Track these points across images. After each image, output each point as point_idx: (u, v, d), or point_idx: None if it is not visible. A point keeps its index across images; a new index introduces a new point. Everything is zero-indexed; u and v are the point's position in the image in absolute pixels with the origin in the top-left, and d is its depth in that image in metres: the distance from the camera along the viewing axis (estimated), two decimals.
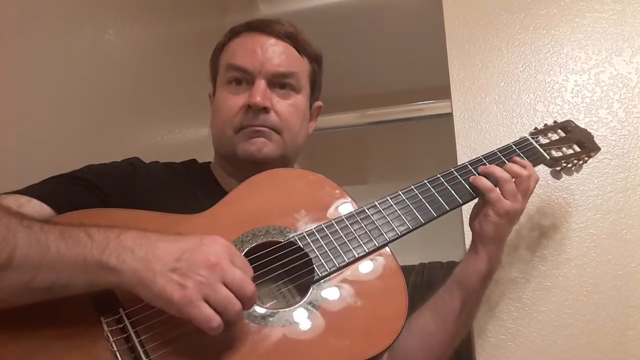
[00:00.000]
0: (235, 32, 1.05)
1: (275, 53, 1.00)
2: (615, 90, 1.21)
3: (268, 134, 0.97)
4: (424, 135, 2.57)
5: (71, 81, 1.35)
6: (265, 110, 0.96)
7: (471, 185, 0.94)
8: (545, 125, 1.09)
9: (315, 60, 1.07)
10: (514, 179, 0.93)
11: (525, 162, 0.97)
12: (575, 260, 1.14)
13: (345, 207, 0.91)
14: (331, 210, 0.90)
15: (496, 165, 0.96)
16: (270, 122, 0.97)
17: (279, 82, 1.00)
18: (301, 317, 0.78)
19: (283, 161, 1.01)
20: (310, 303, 0.80)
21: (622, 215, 1.14)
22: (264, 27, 1.02)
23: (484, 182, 0.93)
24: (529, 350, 1.11)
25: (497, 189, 0.92)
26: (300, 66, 1.03)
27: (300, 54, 1.04)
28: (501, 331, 1.13)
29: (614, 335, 1.08)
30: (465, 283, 0.94)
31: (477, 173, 0.96)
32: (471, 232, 0.97)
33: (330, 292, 0.82)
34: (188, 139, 1.85)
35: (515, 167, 0.95)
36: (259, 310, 0.77)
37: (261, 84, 0.97)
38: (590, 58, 1.24)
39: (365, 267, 0.85)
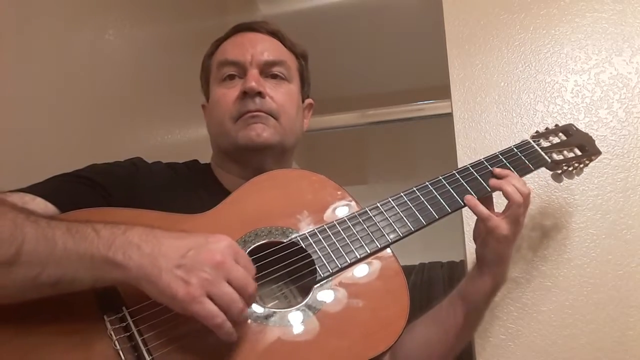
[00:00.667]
0: (222, 39, 1.08)
1: (264, 46, 1.03)
2: (615, 90, 1.21)
3: (265, 119, 0.98)
4: (424, 135, 2.57)
5: (71, 81, 1.35)
6: (260, 95, 0.98)
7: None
8: (547, 128, 1.08)
9: (301, 56, 1.10)
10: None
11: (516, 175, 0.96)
12: (575, 260, 1.14)
13: (347, 208, 0.91)
14: (333, 211, 0.90)
15: (497, 168, 0.97)
16: (266, 106, 0.98)
17: (271, 71, 1.02)
18: (303, 318, 0.78)
19: (281, 149, 1.01)
20: (311, 304, 0.80)
21: (622, 215, 1.14)
22: (250, 25, 1.06)
23: (481, 210, 0.91)
24: (529, 350, 1.11)
25: (494, 216, 0.91)
26: (288, 57, 1.06)
27: (287, 49, 1.07)
28: (501, 331, 1.13)
29: (614, 335, 1.08)
30: (469, 299, 0.96)
31: (479, 176, 0.96)
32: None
33: (331, 293, 0.81)
34: (188, 139, 1.85)
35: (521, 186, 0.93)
36: (261, 310, 0.77)
37: (254, 72, 0.99)
38: (590, 58, 1.24)
39: (367, 268, 0.85)
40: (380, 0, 2.41)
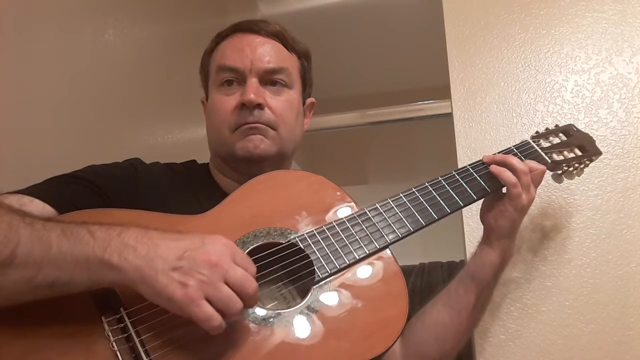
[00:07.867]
0: (222, 36, 1.06)
1: (264, 50, 1.00)
2: (615, 90, 1.21)
3: (264, 131, 0.97)
4: (424, 135, 2.58)
5: (71, 81, 1.35)
6: (259, 106, 0.97)
7: (490, 177, 0.95)
8: (547, 128, 1.08)
9: (304, 56, 1.08)
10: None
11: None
12: (575, 260, 1.14)
13: (346, 209, 0.91)
14: (332, 212, 0.90)
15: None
16: (265, 118, 0.97)
17: (270, 79, 1.00)
18: (302, 319, 0.78)
19: (280, 157, 1.01)
20: (310, 304, 0.80)
21: (622, 215, 1.14)
22: (250, 26, 1.03)
23: (509, 176, 0.93)
24: (529, 350, 1.11)
25: (519, 183, 0.93)
26: (290, 62, 1.04)
27: (288, 51, 1.04)
28: (501, 331, 1.13)
29: (614, 335, 1.08)
30: (479, 277, 0.95)
31: (478, 176, 0.96)
32: (483, 226, 0.97)
33: (330, 294, 0.82)
34: (188, 139, 1.85)
35: (531, 163, 0.96)
36: (260, 311, 0.77)
37: (253, 81, 0.98)
38: (590, 58, 1.24)
39: (366, 269, 0.85)
40: (380, 0, 2.41)
